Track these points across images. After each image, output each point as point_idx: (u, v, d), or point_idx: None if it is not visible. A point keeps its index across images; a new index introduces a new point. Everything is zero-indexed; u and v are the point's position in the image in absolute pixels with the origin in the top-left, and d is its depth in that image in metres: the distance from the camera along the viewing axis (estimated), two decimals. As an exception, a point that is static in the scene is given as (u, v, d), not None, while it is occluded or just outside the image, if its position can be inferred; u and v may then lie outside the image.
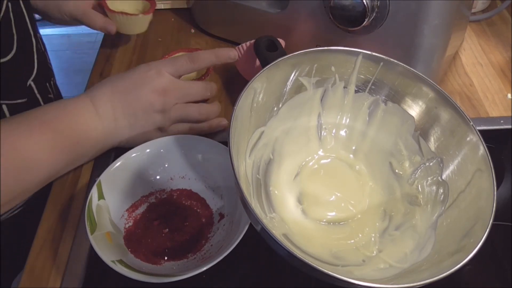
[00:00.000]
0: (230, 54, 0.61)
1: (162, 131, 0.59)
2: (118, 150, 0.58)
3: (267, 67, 0.49)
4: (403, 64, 0.53)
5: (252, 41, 0.64)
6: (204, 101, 0.63)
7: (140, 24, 0.72)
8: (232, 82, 0.68)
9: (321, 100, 0.56)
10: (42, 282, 0.50)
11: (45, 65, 0.70)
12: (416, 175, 0.54)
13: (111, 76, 0.59)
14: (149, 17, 0.71)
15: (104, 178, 0.53)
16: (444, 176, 0.52)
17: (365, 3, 0.57)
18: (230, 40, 0.78)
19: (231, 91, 0.69)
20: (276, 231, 0.47)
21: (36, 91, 0.66)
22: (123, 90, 0.57)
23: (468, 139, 0.50)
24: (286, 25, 0.69)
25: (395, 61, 0.53)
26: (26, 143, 0.50)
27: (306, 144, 0.57)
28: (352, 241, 0.51)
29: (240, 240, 0.47)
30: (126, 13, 0.69)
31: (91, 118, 0.55)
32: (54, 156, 0.53)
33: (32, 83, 0.65)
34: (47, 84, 0.71)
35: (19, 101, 0.63)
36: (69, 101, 0.56)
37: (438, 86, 0.52)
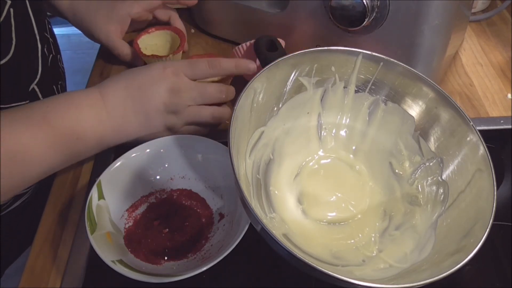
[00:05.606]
0: (249, 66, 0.60)
1: (172, 132, 0.58)
2: (118, 150, 0.58)
3: (267, 67, 0.49)
4: (403, 64, 0.53)
5: (252, 41, 0.64)
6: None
7: None
8: (232, 82, 0.68)
9: (321, 100, 0.56)
10: (42, 282, 0.50)
11: (53, 69, 0.69)
12: (416, 175, 0.54)
13: (125, 70, 0.59)
14: (179, 55, 0.71)
15: (104, 178, 0.53)
16: (444, 176, 0.52)
17: (365, 3, 0.57)
18: (230, 40, 0.78)
19: (231, 91, 0.69)
20: (276, 231, 0.47)
21: (40, 95, 0.65)
22: (137, 86, 0.56)
23: (468, 139, 0.50)
24: (286, 25, 0.69)
25: (395, 61, 0.53)
26: (22, 137, 0.49)
27: (306, 144, 0.57)
28: (352, 241, 0.51)
29: (240, 240, 0.47)
30: (158, 56, 0.70)
31: (98, 113, 0.54)
32: (51, 152, 0.52)
33: (35, 87, 0.64)
34: (54, 87, 0.70)
35: (21, 103, 0.62)
36: (76, 94, 0.55)
37: (438, 86, 0.52)
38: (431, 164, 0.53)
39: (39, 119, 0.51)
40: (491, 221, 0.43)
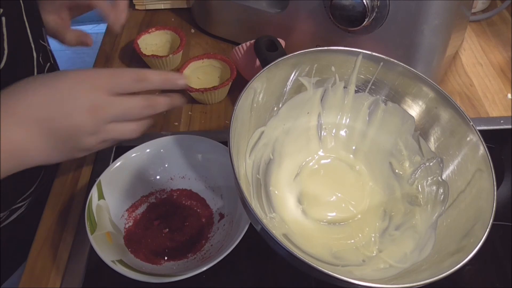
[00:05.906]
0: (178, 82, 0.53)
1: (86, 152, 0.51)
2: (118, 150, 0.58)
3: (267, 67, 0.49)
4: (403, 64, 0.53)
5: (252, 41, 0.64)
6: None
7: (172, 62, 0.73)
8: (232, 82, 0.68)
9: (321, 100, 0.56)
10: (42, 282, 0.50)
11: None
12: (416, 175, 0.54)
13: (33, 76, 0.48)
14: (179, 55, 0.73)
15: (104, 178, 0.53)
16: (444, 176, 0.52)
17: (365, 3, 0.57)
18: (230, 40, 0.78)
19: (231, 91, 0.69)
20: (276, 231, 0.47)
21: None
22: (46, 101, 0.47)
23: (468, 139, 0.50)
24: (286, 25, 0.69)
25: (395, 61, 0.53)
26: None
27: (306, 144, 0.57)
28: (352, 241, 0.51)
29: (240, 240, 0.47)
30: (158, 56, 0.70)
31: None
32: None
33: None
34: None
35: None
36: None
37: (438, 86, 0.52)
38: (431, 164, 0.53)
39: None
40: (491, 221, 0.43)
